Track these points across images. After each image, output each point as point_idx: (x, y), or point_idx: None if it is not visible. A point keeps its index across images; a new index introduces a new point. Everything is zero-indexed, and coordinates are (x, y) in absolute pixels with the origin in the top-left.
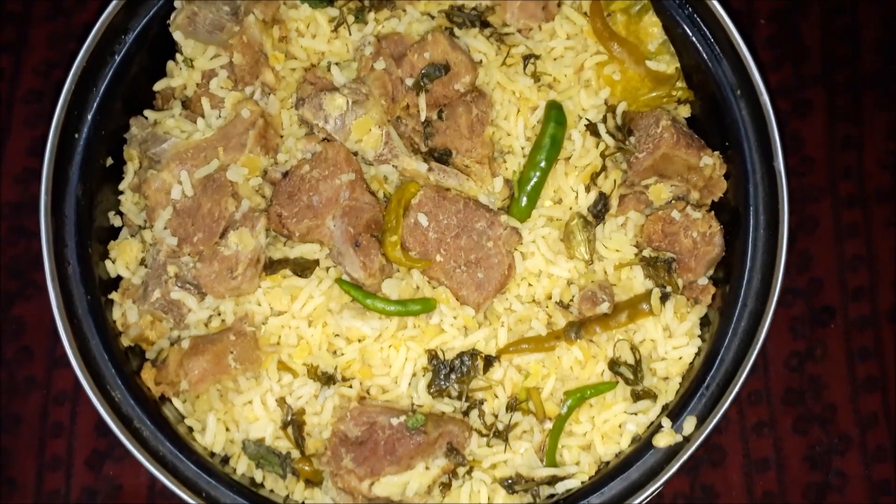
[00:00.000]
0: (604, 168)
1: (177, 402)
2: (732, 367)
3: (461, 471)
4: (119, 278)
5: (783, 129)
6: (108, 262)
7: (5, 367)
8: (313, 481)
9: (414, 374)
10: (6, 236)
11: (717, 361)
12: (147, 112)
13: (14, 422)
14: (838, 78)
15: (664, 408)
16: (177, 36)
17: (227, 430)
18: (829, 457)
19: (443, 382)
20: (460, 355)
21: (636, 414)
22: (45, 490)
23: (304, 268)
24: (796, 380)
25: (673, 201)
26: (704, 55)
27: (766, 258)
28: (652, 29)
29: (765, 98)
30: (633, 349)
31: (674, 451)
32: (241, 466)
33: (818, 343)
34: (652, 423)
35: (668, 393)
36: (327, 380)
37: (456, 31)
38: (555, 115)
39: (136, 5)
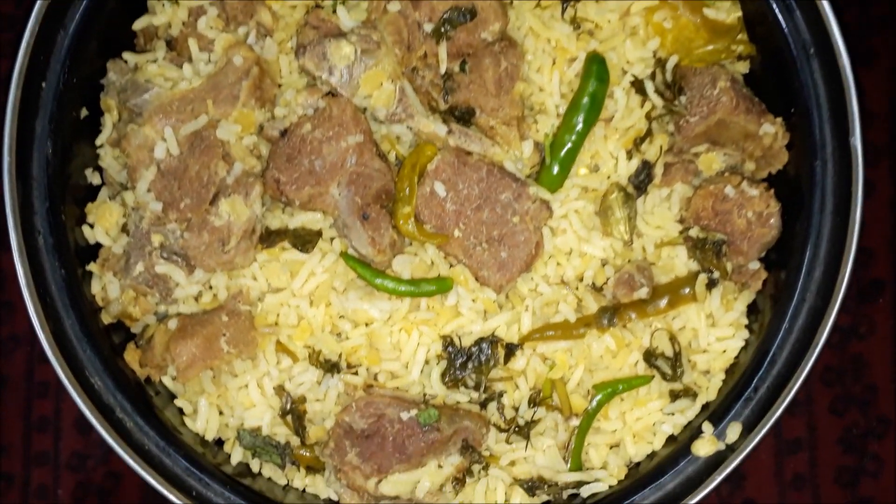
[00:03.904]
0: (649, 132)
1: (167, 380)
2: (786, 370)
3: (476, 467)
4: (98, 245)
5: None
6: (85, 228)
7: None
8: (315, 467)
9: (427, 362)
10: None
11: (768, 362)
12: (126, 54)
13: None
14: None
15: (704, 407)
16: None
17: (221, 413)
18: (865, 440)
19: (458, 372)
20: (478, 342)
21: (673, 414)
22: (32, 452)
23: (305, 241)
24: (836, 358)
25: (726, 173)
26: (773, 4)
27: (832, 248)
28: None
29: (844, 61)
30: (672, 339)
31: (715, 462)
32: (237, 454)
33: (864, 319)
34: (690, 423)
35: (710, 391)
36: (331, 367)
37: None
38: (596, 70)
39: None
